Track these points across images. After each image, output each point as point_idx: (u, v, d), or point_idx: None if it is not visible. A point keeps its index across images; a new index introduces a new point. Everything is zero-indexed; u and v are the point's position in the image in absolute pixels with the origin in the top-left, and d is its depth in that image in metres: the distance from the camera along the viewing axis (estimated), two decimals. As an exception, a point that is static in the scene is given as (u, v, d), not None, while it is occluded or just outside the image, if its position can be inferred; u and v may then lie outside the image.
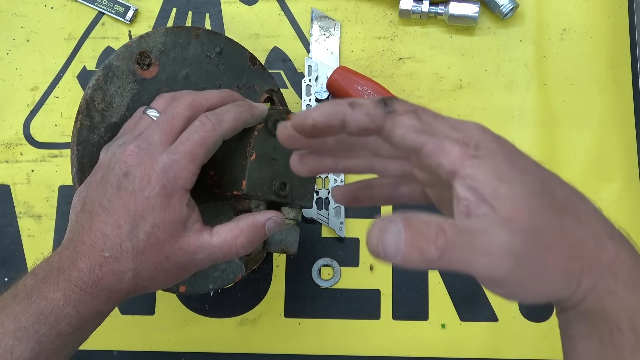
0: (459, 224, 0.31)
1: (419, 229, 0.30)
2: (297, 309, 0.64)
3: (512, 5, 0.66)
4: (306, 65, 0.67)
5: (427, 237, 0.30)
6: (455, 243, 0.30)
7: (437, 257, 0.30)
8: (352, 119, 0.33)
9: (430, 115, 0.33)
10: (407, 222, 0.30)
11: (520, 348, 0.62)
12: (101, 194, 0.44)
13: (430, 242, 0.30)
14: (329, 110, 0.34)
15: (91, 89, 0.51)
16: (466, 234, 0.30)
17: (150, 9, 0.71)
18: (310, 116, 0.34)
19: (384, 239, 0.31)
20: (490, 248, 0.30)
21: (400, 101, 0.33)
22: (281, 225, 0.48)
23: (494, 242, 0.30)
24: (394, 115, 0.33)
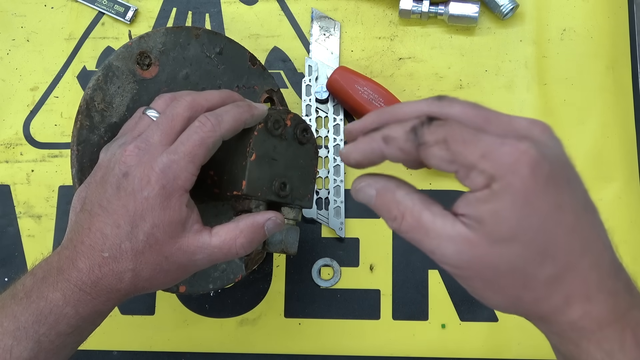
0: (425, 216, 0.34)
1: (385, 205, 0.36)
2: (297, 309, 0.64)
3: (512, 5, 0.66)
4: (306, 65, 0.67)
5: (387, 214, 0.36)
6: (407, 232, 0.35)
7: (392, 228, 0.36)
8: (388, 154, 0.36)
9: (461, 141, 0.33)
10: (380, 194, 0.36)
11: (520, 348, 0.62)
12: (101, 194, 0.44)
13: (388, 219, 0.36)
14: (366, 150, 0.36)
15: (91, 89, 0.51)
16: (421, 230, 0.34)
17: (150, 9, 0.71)
18: (351, 156, 0.37)
19: (357, 196, 0.38)
20: (435, 251, 0.34)
21: (431, 127, 0.34)
22: (281, 226, 0.48)
23: (440, 251, 0.34)
24: (424, 147, 0.34)
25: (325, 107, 0.67)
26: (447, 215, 0.34)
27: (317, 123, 0.67)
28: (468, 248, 0.33)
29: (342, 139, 0.66)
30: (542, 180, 0.32)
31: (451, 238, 0.33)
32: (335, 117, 0.66)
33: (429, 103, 0.36)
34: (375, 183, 0.37)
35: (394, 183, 0.36)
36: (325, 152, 0.66)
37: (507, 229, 0.32)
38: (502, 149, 0.32)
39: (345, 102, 0.65)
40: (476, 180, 0.32)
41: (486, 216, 0.32)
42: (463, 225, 0.33)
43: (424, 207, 0.35)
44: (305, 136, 0.52)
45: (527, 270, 0.33)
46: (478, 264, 0.33)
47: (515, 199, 0.32)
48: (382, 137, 0.35)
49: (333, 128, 0.66)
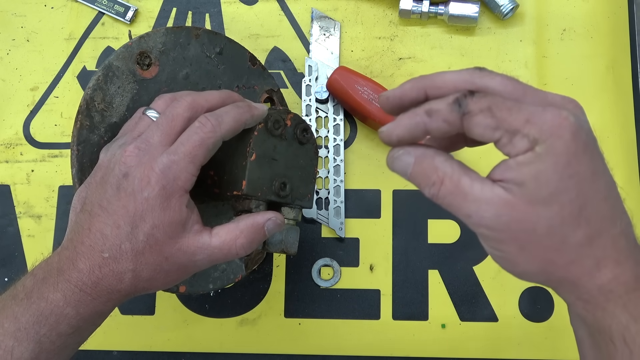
0: (464, 180, 0.35)
1: (423, 171, 0.36)
2: (297, 309, 0.64)
3: (512, 5, 0.66)
4: (306, 65, 0.67)
5: (425, 180, 0.36)
6: (446, 197, 0.35)
7: (429, 197, 0.36)
8: (432, 128, 0.36)
9: (505, 108, 0.34)
10: (419, 160, 0.37)
11: (520, 348, 0.62)
12: (101, 195, 0.44)
13: (426, 185, 0.36)
14: (409, 125, 0.36)
15: (91, 89, 0.51)
16: (460, 194, 0.35)
17: (150, 9, 0.71)
18: (393, 133, 0.37)
19: (394, 164, 0.38)
20: (472, 214, 0.35)
21: (474, 98, 0.34)
22: (281, 226, 0.48)
23: (477, 213, 0.35)
24: (469, 116, 0.34)
25: (325, 107, 0.67)
26: (485, 180, 0.35)
27: (317, 123, 0.67)
28: (507, 210, 0.34)
29: (342, 139, 0.66)
30: (581, 146, 0.33)
31: (490, 201, 0.34)
32: (335, 117, 0.66)
33: (470, 72, 0.36)
34: (414, 150, 0.37)
35: (432, 150, 0.37)
36: (325, 152, 0.66)
37: (548, 189, 0.33)
38: (545, 115, 0.33)
39: (345, 102, 0.65)
40: (519, 144, 0.33)
41: (528, 178, 0.33)
42: (502, 189, 0.34)
43: (462, 173, 0.35)
44: (305, 136, 0.52)
45: (563, 231, 0.34)
46: (516, 226, 0.34)
47: (557, 160, 0.33)
48: (425, 110, 0.36)
49: (333, 128, 0.66)
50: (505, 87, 0.35)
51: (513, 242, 0.35)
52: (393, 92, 0.39)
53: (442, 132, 0.36)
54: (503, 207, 0.34)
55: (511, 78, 0.36)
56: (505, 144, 0.34)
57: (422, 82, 0.38)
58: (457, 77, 0.37)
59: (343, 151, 0.66)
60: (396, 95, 0.38)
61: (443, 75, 0.37)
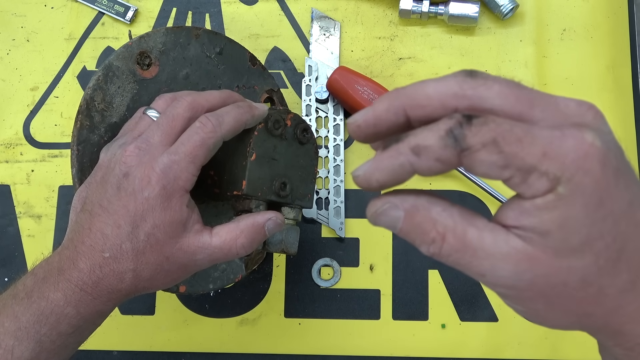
0: (470, 234, 0.28)
1: (418, 227, 0.29)
2: (297, 309, 0.64)
3: (512, 5, 0.66)
4: (306, 65, 0.67)
5: (422, 238, 0.29)
6: (450, 255, 0.29)
7: (428, 255, 0.29)
8: (422, 169, 0.28)
9: (514, 139, 0.26)
10: (410, 214, 0.29)
11: (520, 348, 0.62)
12: (101, 195, 0.44)
13: (423, 243, 0.29)
14: (392, 168, 0.29)
15: (91, 89, 0.51)
16: (468, 251, 0.28)
17: (150, 9, 0.71)
18: (372, 177, 0.30)
19: (378, 221, 0.30)
20: (485, 273, 0.29)
21: (472, 127, 0.27)
22: (281, 226, 0.48)
23: (494, 273, 0.28)
24: (469, 153, 0.27)
25: (325, 107, 0.67)
26: (498, 229, 0.28)
27: (317, 123, 0.67)
28: (529, 265, 0.28)
29: (342, 138, 0.66)
30: (612, 175, 0.27)
31: (507, 256, 0.28)
32: (335, 117, 0.66)
33: (459, 81, 0.28)
34: (402, 202, 0.30)
35: (425, 199, 0.30)
36: (325, 152, 0.66)
37: (579, 238, 0.27)
38: (566, 143, 0.26)
39: (345, 102, 0.65)
40: (537, 184, 0.26)
41: (552, 227, 0.27)
42: (519, 239, 0.28)
43: (467, 223, 0.29)
44: (306, 136, 0.52)
45: (601, 282, 0.28)
46: (542, 283, 0.28)
47: (588, 202, 0.27)
48: (410, 148, 0.28)
49: (333, 128, 0.66)
50: (506, 100, 0.28)
51: (540, 299, 0.29)
52: (365, 116, 0.30)
53: (434, 172, 0.28)
54: (524, 262, 0.28)
55: (511, 84, 0.29)
56: (517, 183, 0.27)
57: (400, 99, 0.29)
58: (444, 89, 0.28)
59: (343, 151, 0.66)
60: (369, 122, 0.30)
61: (424, 87, 0.29)
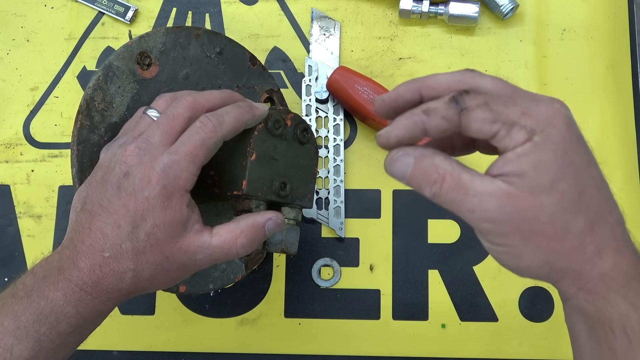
0: (464, 176, 0.36)
1: (424, 170, 0.37)
2: (297, 309, 0.64)
3: (512, 5, 0.66)
4: (306, 65, 0.67)
5: (426, 180, 0.36)
6: (448, 193, 0.36)
7: (430, 197, 0.37)
8: (431, 126, 0.36)
9: (501, 102, 0.35)
10: (418, 160, 0.37)
11: (520, 348, 0.62)
12: (101, 194, 0.44)
13: (427, 184, 0.36)
14: (408, 125, 0.37)
15: (91, 89, 0.51)
16: (461, 189, 0.35)
17: (150, 9, 0.71)
18: (392, 134, 0.38)
19: (393, 167, 0.38)
20: (475, 208, 0.35)
21: (470, 95, 0.35)
22: (281, 226, 0.48)
23: (481, 206, 0.35)
24: (467, 112, 0.35)
25: (325, 107, 0.67)
26: (485, 176, 0.36)
27: (317, 123, 0.67)
28: (510, 201, 0.34)
29: (342, 138, 0.66)
30: (575, 136, 0.35)
31: (492, 193, 0.35)
32: (335, 117, 0.66)
33: (462, 73, 0.38)
34: (413, 151, 0.37)
35: (430, 150, 0.37)
36: (325, 152, 0.66)
37: (549, 177, 0.34)
38: (539, 107, 0.35)
39: (345, 102, 0.65)
40: (517, 135, 0.34)
41: (528, 168, 0.34)
42: (503, 182, 0.35)
43: (462, 170, 0.36)
44: (306, 136, 0.52)
45: (565, 218, 0.35)
46: (519, 216, 0.35)
47: (555, 148, 0.34)
48: (422, 110, 0.36)
49: (333, 128, 0.66)
50: (496, 87, 0.37)
51: (517, 233, 0.35)
52: (388, 95, 0.39)
53: (440, 130, 0.36)
54: (506, 198, 0.34)
55: (501, 79, 0.37)
56: (503, 136, 0.35)
57: (416, 83, 0.38)
58: (450, 78, 0.38)
59: (343, 151, 0.66)
60: (392, 98, 0.39)
61: (436, 76, 0.38)
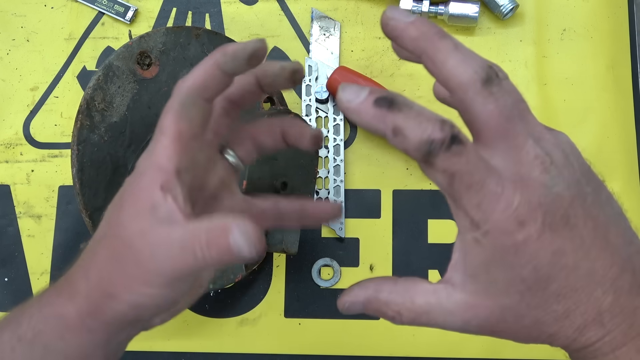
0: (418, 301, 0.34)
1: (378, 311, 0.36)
2: (297, 309, 0.64)
3: (512, 5, 0.66)
4: (306, 65, 0.67)
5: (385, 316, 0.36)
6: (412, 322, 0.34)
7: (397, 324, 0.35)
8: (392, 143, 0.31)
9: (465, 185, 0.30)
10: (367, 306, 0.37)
11: (520, 348, 0.62)
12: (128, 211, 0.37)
13: (388, 319, 0.36)
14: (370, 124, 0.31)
15: (91, 89, 0.52)
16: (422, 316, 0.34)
17: (150, 9, 0.71)
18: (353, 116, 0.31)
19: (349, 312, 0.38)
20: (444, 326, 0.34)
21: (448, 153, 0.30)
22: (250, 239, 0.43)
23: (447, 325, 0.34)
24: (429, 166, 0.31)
25: (325, 107, 0.67)
26: (439, 289, 0.33)
27: (317, 123, 0.67)
28: (473, 314, 0.33)
29: (342, 139, 0.66)
30: (535, 231, 0.31)
31: (453, 312, 0.33)
32: (335, 117, 0.66)
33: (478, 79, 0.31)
34: (357, 297, 0.37)
35: (372, 288, 0.36)
36: (325, 152, 0.66)
37: (502, 281, 0.32)
38: (498, 204, 0.30)
39: (345, 102, 0.65)
40: (462, 222, 0.31)
41: (479, 270, 0.32)
42: (459, 293, 0.33)
43: (415, 293, 0.34)
44: (306, 136, 0.52)
45: (534, 314, 0.33)
46: (487, 325, 0.33)
47: (504, 252, 0.31)
48: (393, 127, 0.30)
49: (333, 128, 0.66)
50: (489, 122, 0.31)
51: (493, 335, 0.34)
52: (397, 22, 0.34)
53: (398, 149, 0.31)
54: (467, 312, 0.33)
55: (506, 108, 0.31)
56: (451, 206, 0.32)
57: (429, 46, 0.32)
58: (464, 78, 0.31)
59: (343, 151, 0.66)
60: (396, 31, 0.34)
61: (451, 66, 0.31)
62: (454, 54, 0.32)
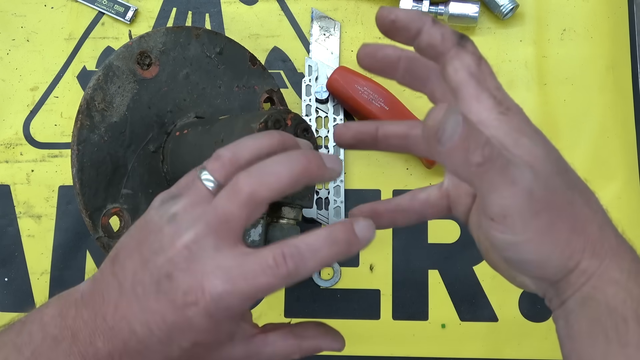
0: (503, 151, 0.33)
1: (474, 130, 0.31)
2: (297, 309, 0.64)
3: (512, 5, 0.66)
4: (306, 65, 0.67)
5: (478, 139, 0.31)
6: (497, 160, 0.32)
7: (478, 164, 0.31)
8: (428, 32, 0.35)
9: (487, 69, 0.36)
10: (466, 118, 0.31)
11: (520, 348, 0.62)
12: (135, 274, 0.36)
13: (479, 146, 0.31)
14: (413, 15, 0.36)
15: (91, 89, 0.51)
16: (504, 157, 0.32)
17: (150, 9, 0.71)
18: (394, 12, 0.36)
19: (446, 122, 0.31)
20: (517, 178, 0.32)
21: (474, 44, 0.36)
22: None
23: (522, 175, 0.32)
24: (462, 49, 0.35)
25: (325, 107, 0.67)
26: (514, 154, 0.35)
27: (317, 123, 0.67)
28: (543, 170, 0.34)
29: (342, 139, 0.66)
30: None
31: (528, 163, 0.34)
32: (335, 117, 0.66)
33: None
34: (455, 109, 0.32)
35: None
36: (325, 152, 0.66)
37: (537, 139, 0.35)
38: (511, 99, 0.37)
39: (345, 102, 0.65)
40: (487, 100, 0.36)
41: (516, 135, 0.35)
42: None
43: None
44: (306, 136, 0.52)
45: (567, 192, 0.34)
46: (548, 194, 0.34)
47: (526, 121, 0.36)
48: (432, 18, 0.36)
49: (333, 128, 0.66)
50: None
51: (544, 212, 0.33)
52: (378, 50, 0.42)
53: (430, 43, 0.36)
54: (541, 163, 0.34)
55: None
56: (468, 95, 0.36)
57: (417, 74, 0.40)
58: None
59: (343, 151, 0.66)
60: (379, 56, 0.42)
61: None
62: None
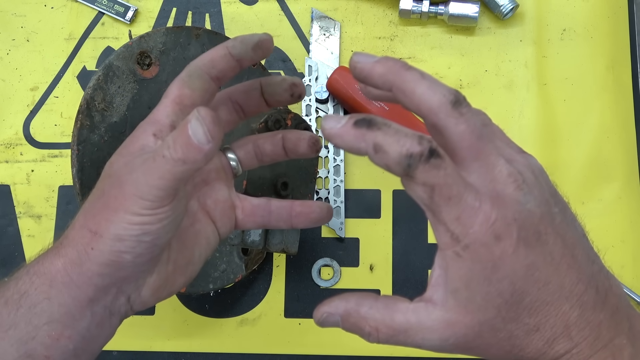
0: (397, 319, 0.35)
1: (355, 326, 0.36)
2: (297, 309, 0.64)
3: (512, 5, 0.66)
4: (306, 65, 0.67)
5: (360, 332, 0.36)
6: (388, 340, 0.35)
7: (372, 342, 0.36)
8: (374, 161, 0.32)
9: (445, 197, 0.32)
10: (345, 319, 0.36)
11: (520, 348, 0.62)
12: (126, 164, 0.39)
13: (363, 336, 0.36)
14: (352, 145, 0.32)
15: (91, 89, 0.52)
16: (400, 333, 0.35)
17: (150, 9, 0.71)
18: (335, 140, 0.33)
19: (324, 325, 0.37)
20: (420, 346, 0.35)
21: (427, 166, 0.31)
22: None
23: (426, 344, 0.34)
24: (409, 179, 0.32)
25: (325, 107, 0.67)
26: (419, 307, 0.35)
27: (317, 123, 0.67)
28: (451, 332, 0.34)
29: (342, 139, 0.66)
30: (510, 245, 0.32)
31: (431, 328, 0.34)
32: (336, 117, 0.66)
33: (445, 102, 0.33)
34: (336, 309, 0.37)
35: (353, 301, 0.36)
36: (325, 152, 0.66)
37: (480, 295, 0.33)
38: (476, 217, 0.32)
39: (345, 102, 0.65)
40: (443, 237, 0.33)
41: (460, 284, 0.33)
42: (438, 309, 0.34)
43: (393, 311, 0.35)
44: (306, 136, 0.52)
45: (509, 327, 0.33)
46: (464, 342, 0.34)
47: (484, 267, 0.32)
48: (373, 145, 0.31)
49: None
50: (462, 141, 0.33)
51: (467, 351, 0.35)
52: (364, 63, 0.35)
53: (381, 167, 0.32)
54: (446, 329, 0.34)
55: (477, 127, 0.33)
56: (431, 221, 0.33)
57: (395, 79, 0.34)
58: (432, 103, 0.33)
59: (343, 151, 0.66)
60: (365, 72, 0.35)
61: (419, 87, 0.34)
62: (422, 82, 0.34)
